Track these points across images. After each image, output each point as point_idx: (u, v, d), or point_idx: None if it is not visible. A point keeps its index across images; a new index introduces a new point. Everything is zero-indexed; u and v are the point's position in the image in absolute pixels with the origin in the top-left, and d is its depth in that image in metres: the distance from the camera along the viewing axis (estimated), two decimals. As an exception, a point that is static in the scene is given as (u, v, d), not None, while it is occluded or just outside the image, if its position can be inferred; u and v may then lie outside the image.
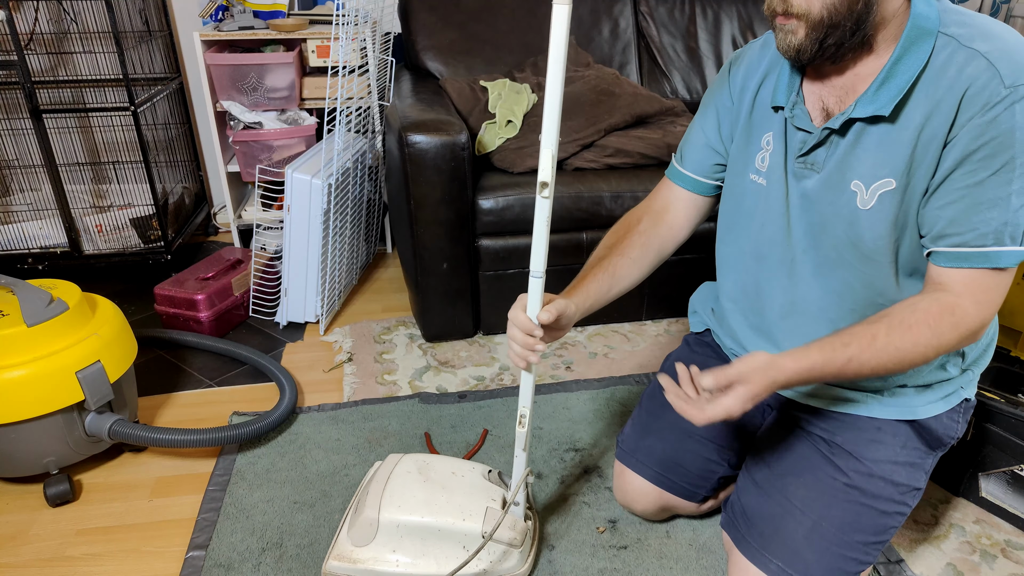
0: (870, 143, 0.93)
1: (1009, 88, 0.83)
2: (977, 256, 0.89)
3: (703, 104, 1.18)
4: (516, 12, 2.33)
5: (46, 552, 1.28)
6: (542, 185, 0.90)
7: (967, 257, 0.89)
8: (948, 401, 1.06)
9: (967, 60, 0.85)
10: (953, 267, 0.91)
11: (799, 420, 1.14)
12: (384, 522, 1.14)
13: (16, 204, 2.25)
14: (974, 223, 0.88)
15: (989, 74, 0.84)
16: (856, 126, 0.94)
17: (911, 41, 0.89)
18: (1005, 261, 0.88)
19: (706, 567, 1.24)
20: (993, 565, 1.25)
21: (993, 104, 0.83)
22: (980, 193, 0.86)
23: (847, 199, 0.96)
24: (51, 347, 1.30)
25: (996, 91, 0.83)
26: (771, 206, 1.06)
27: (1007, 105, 0.83)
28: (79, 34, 2.27)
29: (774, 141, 1.04)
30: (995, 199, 0.86)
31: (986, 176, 0.86)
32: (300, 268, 1.96)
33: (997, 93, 0.83)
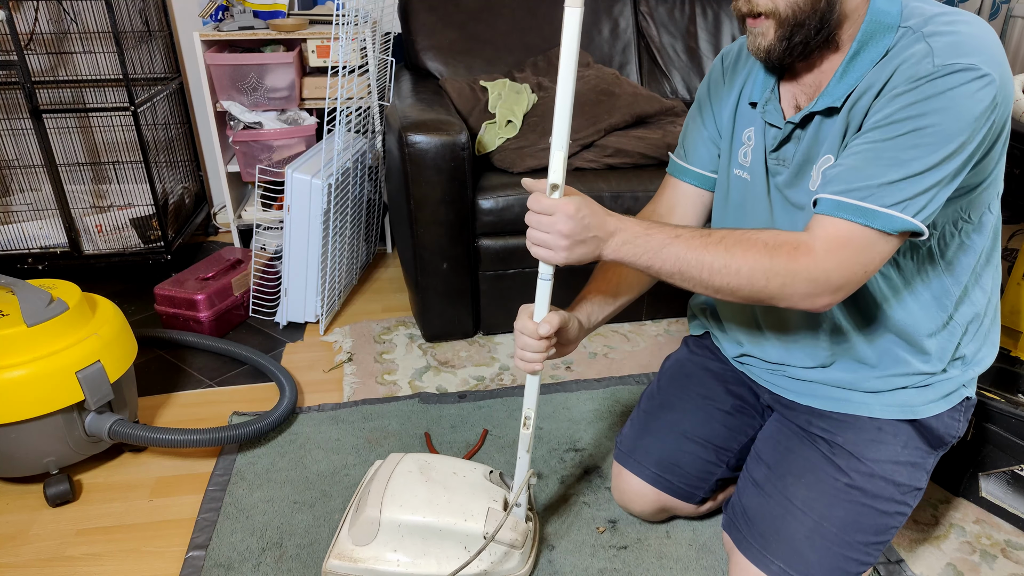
0: (826, 133, 0.96)
1: (937, 66, 0.83)
2: (852, 208, 0.86)
3: (698, 99, 1.19)
4: (516, 12, 2.33)
5: (46, 552, 1.28)
6: (552, 187, 0.90)
7: (843, 207, 0.86)
8: (949, 400, 1.06)
9: (911, 44, 0.87)
10: (827, 215, 0.88)
11: (798, 421, 1.14)
12: (385, 521, 1.14)
13: (16, 204, 2.25)
14: (865, 176, 0.86)
15: (923, 53, 0.84)
16: (815, 119, 0.96)
17: (869, 36, 0.90)
18: (880, 222, 0.85)
19: (706, 567, 1.24)
20: (993, 565, 1.25)
21: (919, 78, 0.84)
22: (882, 149, 0.85)
23: (805, 186, 0.99)
24: (51, 347, 1.30)
25: (925, 67, 0.84)
26: (755, 201, 1.08)
27: (930, 79, 0.83)
28: (79, 34, 2.27)
29: (754, 136, 1.07)
30: (895, 159, 0.85)
31: (893, 135, 0.85)
32: (300, 268, 1.96)
33: (925, 69, 0.83)
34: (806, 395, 1.12)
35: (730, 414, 1.23)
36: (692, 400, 1.25)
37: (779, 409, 1.19)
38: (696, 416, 1.24)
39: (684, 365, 1.32)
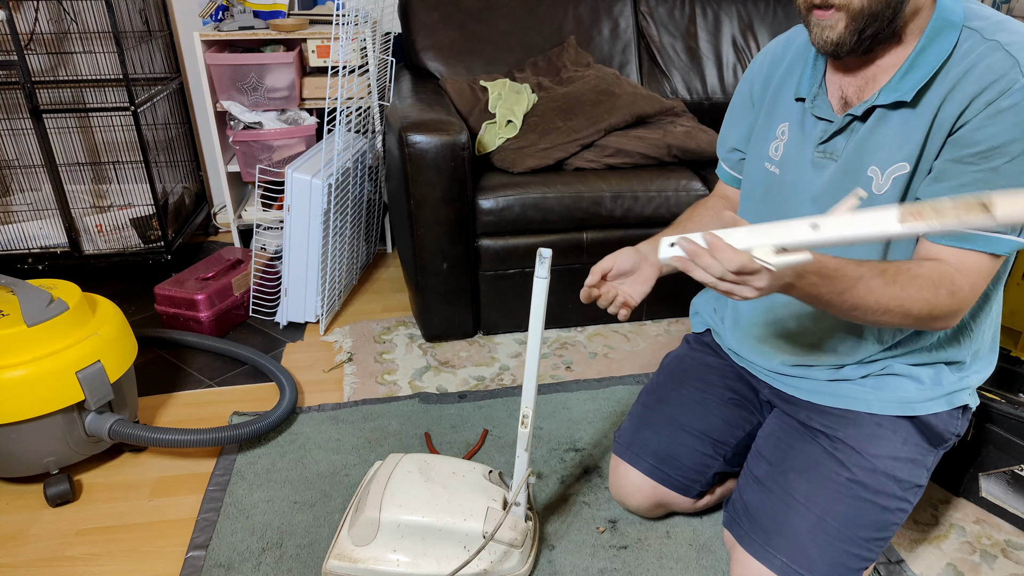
0: (889, 128, 0.95)
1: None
2: (980, 239, 0.90)
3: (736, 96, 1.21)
4: (516, 12, 2.33)
5: (46, 552, 1.28)
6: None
7: (971, 239, 0.90)
8: (949, 401, 1.07)
9: (988, 51, 0.87)
10: (953, 247, 0.92)
11: (799, 416, 1.14)
12: (385, 522, 1.14)
13: (16, 204, 2.25)
14: None
15: (1009, 63, 0.85)
16: (877, 112, 0.96)
17: (936, 32, 0.90)
18: (1003, 248, 0.90)
19: (706, 567, 1.24)
20: (993, 565, 1.25)
21: (1011, 91, 0.84)
22: (994, 179, 0.87)
23: (862, 185, 0.98)
24: (51, 347, 1.30)
25: (1014, 79, 0.84)
26: (785, 195, 1.08)
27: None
28: (79, 34, 2.27)
29: (789, 131, 1.07)
30: (1008, 186, 0.86)
31: (1003, 163, 0.86)
32: (300, 268, 1.96)
33: (1015, 80, 0.84)
34: (806, 391, 1.13)
35: (728, 408, 1.24)
36: (690, 394, 1.26)
37: (779, 405, 1.19)
38: (694, 410, 1.24)
39: (683, 360, 1.32)
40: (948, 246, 0.92)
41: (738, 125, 1.20)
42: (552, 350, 1.93)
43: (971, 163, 0.89)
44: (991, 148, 0.87)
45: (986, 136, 0.87)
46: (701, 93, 2.46)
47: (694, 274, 0.84)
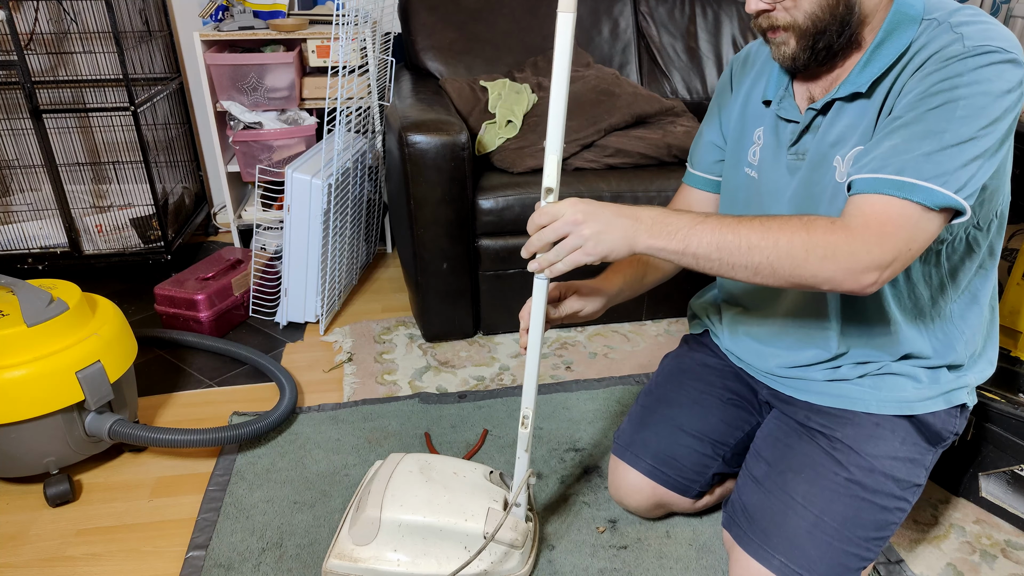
0: (845, 119, 0.96)
1: (968, 47, 0.85)
2: (888, 183, 0.84)
3: (710, 106, 1.23)
4: (516, 12, 2.33)
5: (46, 552, 1.28)
6: (547, 191, 0.90)
7: (879, 183, 0.85)
8: (947, 399, 1.07)
9: (939, 33, 0.88)
10: (863, 193, 0.86)
11: (797, 416, 1.14)
12: (386, 521, 1.14)
13: (16, 204, 2.25)
14: (899, 151, 0.85)
15: (953, 37, 0.86)
16: (836, 105, 0.97)
17: (893, 26, 0.91)
18: (920, 195, 0.82)
19: (706, 567, 1.24)
20: (993, 565, 1.25)
21: (948, 57, 0.85)
22: (915, 125, 0.85)
23: (829, 177, 0.99)
24: (51, 347, 1.30)
25: (955, 48, 0.85)
26: (763, 199, 1.09)
27: (961, 58, 0.84)
28: (79, 34, 2.27)
29: (765, 135, 1.08)
30: (929, 131, 0.84)
31: (925, 110, 0.85)
32: (300, 268, 1.96)
33: (955, 50, 0.85)
34: (804, 391, 1.13)
35: (727, 408, 1.24)
36: (689, 395, 1.26)
37: (777, 405, 1.20)
38: (693, 410, 1.24)
39: (682, 361, 1.32)
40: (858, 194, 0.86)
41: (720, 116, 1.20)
42: (552, 350, 1.93)
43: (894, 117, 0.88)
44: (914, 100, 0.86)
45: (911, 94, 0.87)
46: (701, 93, 2.46)
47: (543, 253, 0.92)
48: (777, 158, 1.06)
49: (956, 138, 0.83)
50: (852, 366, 1.08)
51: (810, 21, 0.90)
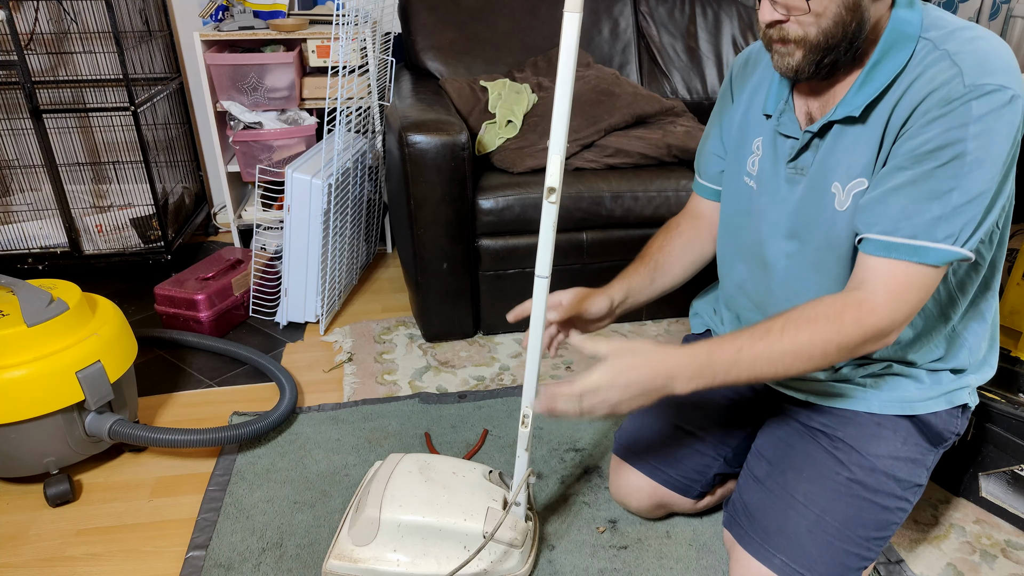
0: (845, 144, 0.95)
1: (968, 87, 0.83)
2: (904, 248, 0.87)
3: (712, 113, 1.22)
4: (516, 12, 2.33)
5: (46, 552, 1.28)
6: (549, 190, 0.91)
7: (895, 248, 0.87)
8: (949, 400, 1.07)
9: (935, 60, 0.87)
10: (879, 256, 0.89)
11: (799, 416, 1.14)
12: (385, 521, 1.14)
13: (16, 204, 2.25)
14: (909, 212, 0.86)
15: (952, 72, 0.85)
16: (834, 128, 0.96)
17: (889, 45, 0.90)
18: (933, 258, 0.86)
19: (706, 567, 1.24)
20: (993, 565, 1.25)
21: (951, 100, 0.84)
22: (923, 183, 0.86)
23: (827, 202, 0.98)
24: (51, 347, 1.30)
25: (955, 88, 0.84)
26: (762, 209, 1.08)
27: (964, 101, 0.83)
28: (79, 34, 2.27)
29: (763, 147, 1.07)
30: (937, 191, 0.85)
31: (933, 167, 0.85)
32: (300, 268, 1.96)
33: (956, 90, 0.84)
34: (805, 391, 1.13)
35: (728, 409, 1.24)
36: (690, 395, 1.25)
37: (779, 405, 1.19)
38: (694, 411, 1.24)
39: None
40: (873, 256, 0.89)
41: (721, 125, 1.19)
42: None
43: (901, 167, 0.88)
44: (921, 153, 0.86)
45: (916, 143, 0.86)
46: (701, 93, 2.46)
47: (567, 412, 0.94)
48: (776, 170, 1.05)
49: (965, 196, 0.84)
50: (853, 367, 1.08)
51: (823, 37, 0.88)
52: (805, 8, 0.86)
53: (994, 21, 2.68)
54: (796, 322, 0.89)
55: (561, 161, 0.89)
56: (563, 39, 0.83)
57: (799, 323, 0.89)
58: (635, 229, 1.91)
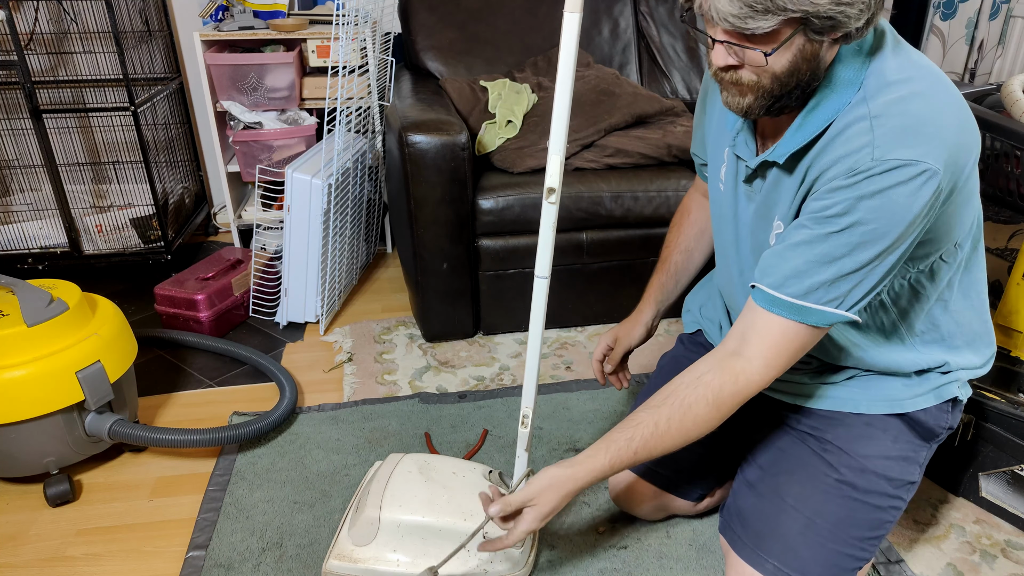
0: (782, 186, 0.95)
1: (876, 161, 0.81)
2: (788, 306, 0.89)
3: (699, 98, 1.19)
4: (516, 12, 2.33)
5: (46, 552, 1.28)
6: (549, 191, 0.91)
7: (779, 303, 0.89)
8: (938, 395, 1.06)
9: (856, 119, 0.84)
10: (763, 308, 0.91)
11: (789, 420, 1.14)
12: (385, 521, 1.14)
13: (16, 204, 2.25)
14: (800, 272, 0.87)
15: (864, 140, 0.83)
16: (773, 169, 0.96)
17: (829, 91, 0.87)
18: (814, 319, 0.89)
19: (706, 567, 1.24)
20: (993, 565, 1.25)
21: (856, 172, 0.83)
22: (818, 246, 0.86)
23: (768, 233, 0.99)
24: (51, 347, 1.30)
25: (863, 160, 0.82)
26: (727, 217, 1.10)
27: (868, 175, 0.82)
28: (79, 34, 2.27)
29: (728, 158, 1.07)
30: (829, 256, 0.86)
31: (828, 232, 0.85)
32: (300, 268, 1.96)
33: (862, 163, 0.82)
34: (792, 395, 1.13)
35: None
36: None
37: (770, 409, 1.19)
38: None
39: (679, 362, 1.32)
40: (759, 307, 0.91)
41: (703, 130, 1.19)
42: (552, 350, 1.93)
43: (799, 227, 0.89)
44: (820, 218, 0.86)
45: (817, 207, 0.86)
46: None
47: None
48: (736, 184, 1.06)
49: (855, 264, 0.85)
50: (837, 370, 1.08)
51: (776, 85, 0.84)
52: (763, 63, 0.82)
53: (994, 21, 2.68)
54: (679, 411, 0.95)
55: (561, 161, 0.89)
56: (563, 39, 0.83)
57: (682, 411, 0.95)
58: (635, 229, 1.91)
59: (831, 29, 0.78)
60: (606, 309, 2.03)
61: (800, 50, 0.81)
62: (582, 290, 1.98)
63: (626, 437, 0.97)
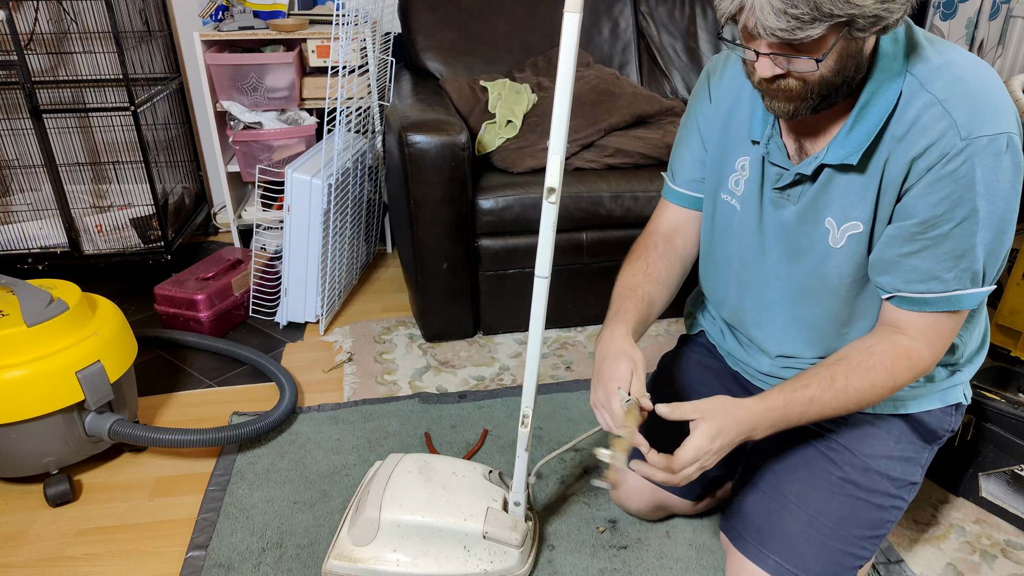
0: (840, 187, 0.94)
1: (965, 140, 0.83)
2: (940, 301, 0.91)
3: (686, 116, 1.15)
4: (516, 12, 2.33)
5: (46, 552, 1.28)
6: (549, 191, 0.91)
7: (929, 303, 0.91)
8: (943, 398, 1.07)
9: (926, 106, 0.85)
10: (914, 311, 0.92)
11: None
12: (385, 521, 1.14)
13: (16, 204, 2.25)
14: (937, 272, 0.89)
15: (945, 124, 0.84)
16: (826, 171, 0.94)
17: (878, 84, 0.88)
18: (967, 304, 0.91)
19: (706, 567, 1.24)
20: (993, 565, 1.25)
21: (951, 157, 0.84)
22: (945, 244, 0.87)
23: (820, 234, 0.98)
24: (51, 347, 1.30)
25: (952, 142, 0.83)
26: (745, 230, 1.07)
27: (965, 158, 0.83)
28: (79, 34, 2.27)
29: (750, 168, 1.04)
30: (961, 250, 0.87)
31: (950, 228, 0.86)
32: (300, 268, 1.96)
33: (953, 145, 0.83)
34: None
35: None
36: (688, 397, 1.25)
37: None
38: None
39: (681, 363, 1.32)
40: (908, 311, 0.93)
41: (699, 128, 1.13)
42: (552, 350, 1.93)
43: (917, 232, 0.89)
44: (934, 217, 0.87)
45: (926, 205, 0.87)
46: (701, 93, 2.45)
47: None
48: (762, 193, 1.03)
49: (986, 244, 0.87)
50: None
51: (824, 86, 0.84)
52: (814, 68, 0.81)
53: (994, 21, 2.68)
54: (857, 371, 0.94)
55: (561, 161, 0.89)
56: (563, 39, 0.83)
57: (860, 372, 0.93)
58: (635, 229, 1.90)
59: (873, 25, 0.78)
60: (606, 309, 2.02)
61: (845, 49, 0.81)
62: (582, 290, 1.98)
63: (802, 383, 0.95)
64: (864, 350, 0.94)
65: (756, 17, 0.77)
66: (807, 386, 0.94)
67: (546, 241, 0.95)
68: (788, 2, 0.74)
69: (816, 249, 0.98)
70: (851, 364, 0.94)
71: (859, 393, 0.94)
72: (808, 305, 1.03)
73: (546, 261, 0.96)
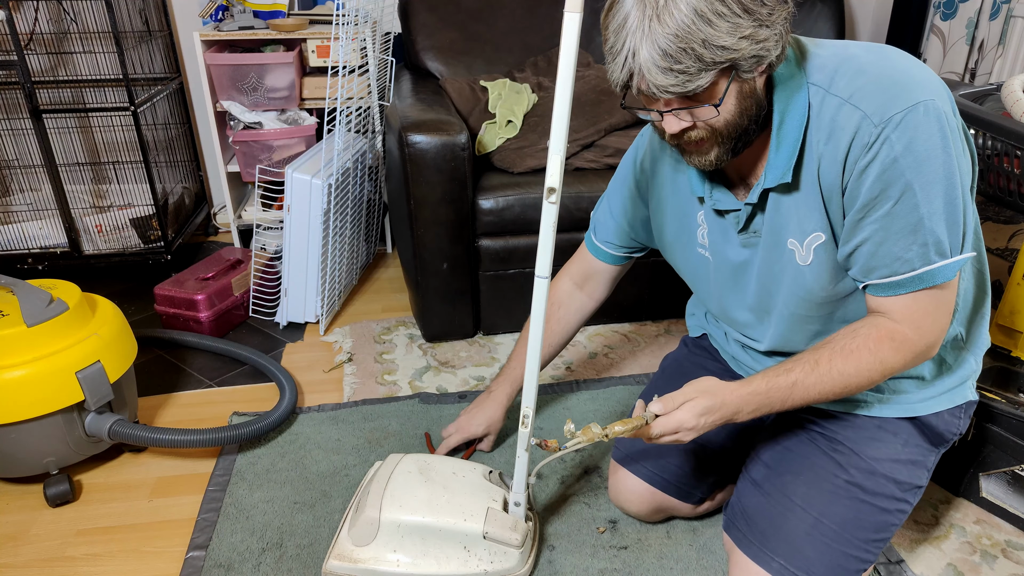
0: (789, 206, 0.96)
1: (879, 125, 0.85)
2: (910, 281, 0.90)
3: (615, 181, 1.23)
4: (516, 12, 2.33)
5: (46, 552, 1.28)
6: (550, 191, 0.91)
7: (901, 284, 0.91)
8: (951, 399, 1.06)
9: (836, 109, 0.88)
10: (890, 295, 0.92)
11: (798, 419, 1.14)
12: (385, 522, 1.14)
13: (16, 204, 2.25)
14: (896, 253, 0.89)
15: (857, 117, 0.86)
16: (772, 195, 0.97)
17: (785, 101, 0.91)
18: (941, 277, 0.90)
19: (706, 567, 1.23)
20: (993, 565, 1.25)
21: (870, 144, 0.85)
22: (892, 224, 0.88)
23: (788, 257, 0.99)
24: (51, 347, 1.30)
25: (868, 131, 0.85)
26: (722, 277, 1.10)
27: (883, 139, 0.85)
28: (79, 34, 2.27)
29: (707, 221, 1.07)
30: (910, 226, 0.87)
31: (891, 206, 0.87)
32: (300, 268, 1.96)
33: (870, 133, 0.85)
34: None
35: None
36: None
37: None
38: None
39: (682, 364, 1.32)
40: (884, 296, 0.93)
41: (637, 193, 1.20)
42: (552, 350, 1.93)
43: (861, 218, 0.90)
44: (871, 200, 0.88)
45: (862, 192, 0.88)
46: (701, 93, 2.45)
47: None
48: (728, 239, 1.06)
49: (934, 212, 0.86)
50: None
51: (732, 128, 0.88)
52: (715, 114, 0.86)
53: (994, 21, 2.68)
54: (840, 354, 0.94)
55: (561, 161, 0.89)
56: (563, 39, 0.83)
57: (843, 355, 0.94)
58: (635, 229, 1.91)
59: (757, 65, 0.83)
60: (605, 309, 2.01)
61: (740, 91, 0.85)
62: (582, 290, 1.98)
63: (785, 367, 0.96)
64: (848, 333, 0.95)
65: (647, 80, 0.82)
66: (790, 370, 0.95)
67: (546, 241, 0.95)
68: (670, 60, 0.79)
69: (788, 272, 1.00)
70: (835, 347, 0.94)
71: (844, 376, 0.94)
72: (802, 323, 1.04)
73: (546, 261, 0.97)
